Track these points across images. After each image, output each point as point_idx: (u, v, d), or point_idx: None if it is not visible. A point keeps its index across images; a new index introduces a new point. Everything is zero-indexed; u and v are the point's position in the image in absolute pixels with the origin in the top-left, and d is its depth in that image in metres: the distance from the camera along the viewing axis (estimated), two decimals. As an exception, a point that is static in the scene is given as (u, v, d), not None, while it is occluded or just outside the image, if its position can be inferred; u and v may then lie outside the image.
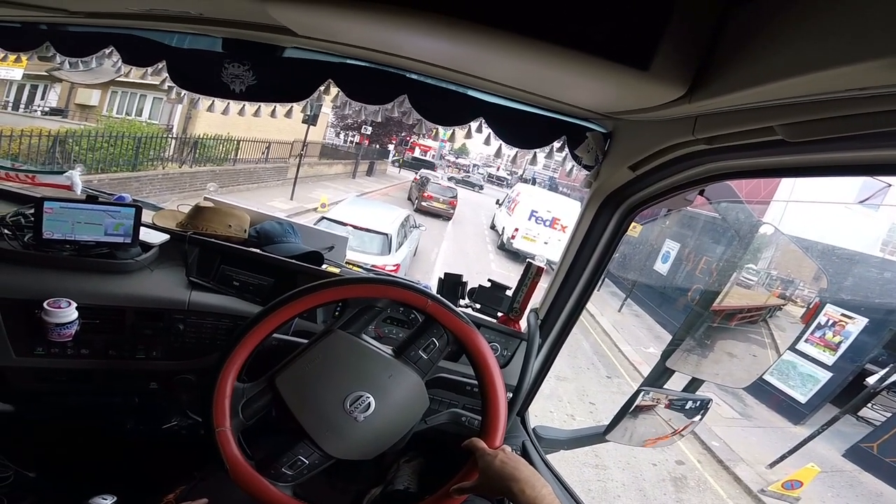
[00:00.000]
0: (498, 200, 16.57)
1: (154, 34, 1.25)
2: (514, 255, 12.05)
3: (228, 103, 1.31)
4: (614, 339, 8.62)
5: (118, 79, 1.41)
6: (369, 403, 0.92)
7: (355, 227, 6.11)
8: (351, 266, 1.66)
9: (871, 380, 6.10)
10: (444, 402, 1.26)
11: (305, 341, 0.99)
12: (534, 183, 24.57)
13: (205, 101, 1.33)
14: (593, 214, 1.24)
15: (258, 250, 1.46)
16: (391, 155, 26.54)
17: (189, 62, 1.26)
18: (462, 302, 1.47)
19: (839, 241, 8.33)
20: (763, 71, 0.57)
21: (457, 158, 46.79)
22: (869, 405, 6.81)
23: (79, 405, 1.34)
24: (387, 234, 6.34)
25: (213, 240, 1.42)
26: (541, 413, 5.24)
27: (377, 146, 23.33)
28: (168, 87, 1.30)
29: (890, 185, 10.70)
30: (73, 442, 1.45)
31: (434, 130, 1.36)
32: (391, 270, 5.69)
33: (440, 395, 1.27)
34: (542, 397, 5.66)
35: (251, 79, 1.25)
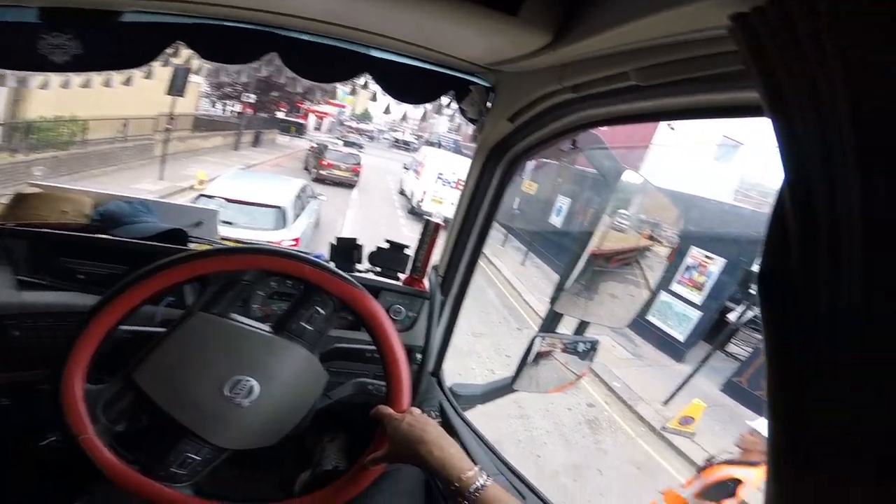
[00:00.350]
0: (405, 165, 16.55)
1: None
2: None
3: (48, 77, 1.12)
4: (520, 292, 9.23)
5: None
6: (251, 387, 0.85)
7: (242, 203, 5.74)
8: (227, 243, 1.52)
9: (731, 316, 6.88)
10: (349, 374, 1.22)
11: (164, 330, 0.89)
12: (439, 146, 24.83)
13: (15, 77, 1.11)
14: (480, 167, 1.27)
15: (104, 235, 1.27)
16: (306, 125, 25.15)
17: None
18: (361, 266, 1.43)
19: (700, 190, 9.58)
20: (615, 15, 0.60)
21: (359, 124, 45.53)
22: (733, 341, 7.88)
23: None
24: (280, 207, 6.01)
25: (43, 230, 1.20)
26: (464, 371, 5.50)
27: (263, 115, 21.75)
28: None
29: (741, 144, 12.52)
30: None
31: (338, 92, 1.27)
32: (290, 245, 5.44)
33: (343, 367, 1.23)
34: (463, 355, 5.96)
35: (77, 48, 1.05)
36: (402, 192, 15.90)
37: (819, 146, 0.25)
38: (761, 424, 3.06)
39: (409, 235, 10.35)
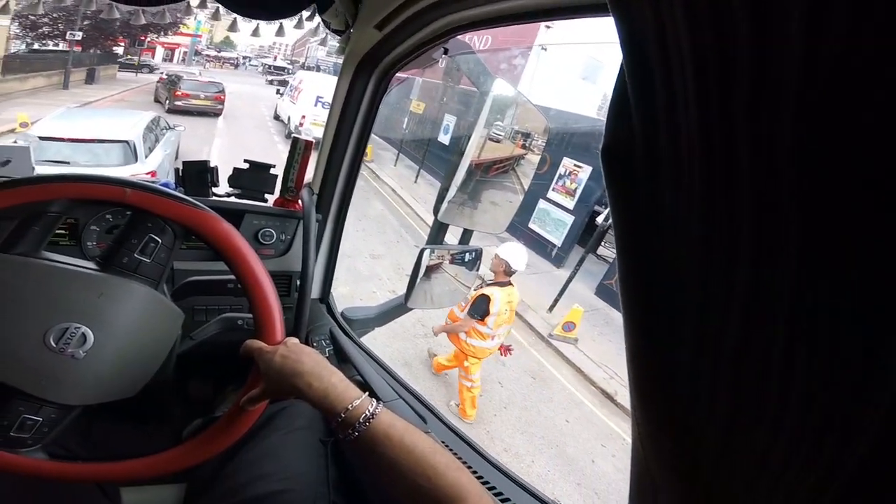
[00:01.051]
0: (279, 90, 15.41)
1: None
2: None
3: None
4: (415, 209, 9.25)
5: None
6: (83, 334, 0.72)
7: (78, 141, 5.11)
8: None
9: (599, 219, 7.09)
10: (213, 310, 1.10)
11: None
12: (318, 70, 22.74)
13: None
14: (349, 80, 1.20)
15: None
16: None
17: None
18: (218, 191, 1.27)
19: (570, 107, 10.14)
20: None
21: (220, 52, 39.77)
22: (603, 244, 8.19)
23: None
24: (127, 142, 5.40)
25: None
26: (366, 296, 5.32)
27: (97, 51, 18.65)
28: None
29: (603, 65, 13.31)
30: None
31: (185, 26, 1.06)
32: (146, 179, 4.88)
33: (203, 303, 1.10)
34: (363, 279, 5.80)
35: None
36: (277, 118, 14.80)
37: (655, 29, 0.25)
38: (504, 249, 3.81)
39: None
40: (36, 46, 17.82)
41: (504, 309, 3.75)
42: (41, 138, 4.91)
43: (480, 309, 3.70)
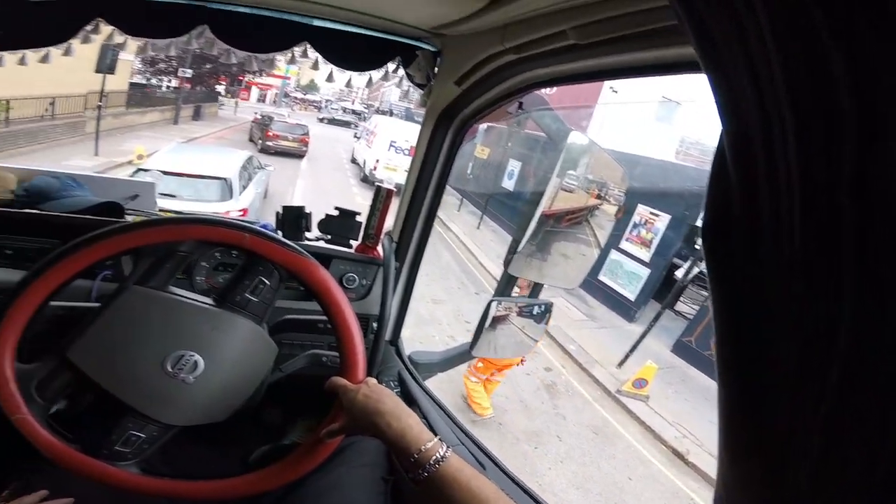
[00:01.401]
0: (356, 134, 16.27)
1: None
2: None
3: None
4: (477, 256, 9.28)
5: None
6: (196, 362, 0.82)
7: (184, 175, 5.51)
8: (165, 215, 1.44)
9: (679, 273, 6.74)
10: (302, 346, 1.18)
11: (98, 305, 0.84)
12: (391, 114, 24.22)
13: None
14: (430, 132, 1.25)
15: (32, 210, 1.18)
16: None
17: None
18: (311, 235, 1.37)
19: (644, 150, 9.84)
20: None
21: (305, 95, 43.67)
22: (681, 299, 7.77)
23: None
24: (225, 179, 5.80)
25: None
26: (425, 339, 5.41)
27: (203, 88, 20.78)
28: None
29: (680, 104, 12.91)
30: None
31: (277, 68, 1.21)
32: (239, 216, 5.25)
33: (296, 339, 1.20)
34: (423, 323, 5.90)
35: None
36: (354, 161, 15.60)
37: (755, 100, 0.25)
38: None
39: (362, 203, 10.13)
40: (153, 81, 20.08)
41: None
42: (164, 173, 5.38)
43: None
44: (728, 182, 0.27)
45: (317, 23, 1.11)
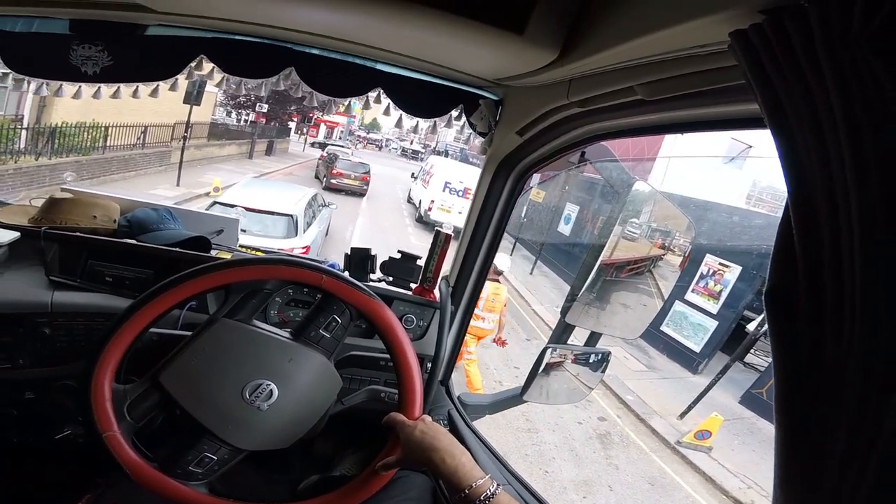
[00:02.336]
0: (413, 174, 16.66)
1: None
2: (433, 227, 12.20)
3: (80, 86, 1.17)
4: (528, 301, 9.12)
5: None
6: (271, 391, 0.89)
7: (254, 211, 5.76)
8: (245, 250, 1.56)
9: (750, 326, 6.54)
10: (363, 381, 1.26)
11: (190, 334, 0.93)
12: (446, 155, 24.91)
13: (63, 88, 1.18)
14: (490, 179, 1.29)
15: (131, 241, 1.32)
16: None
17: (29, 46, 1.09)
18: (374, 276, 1.45)
19: (712, 196, 9.43)
20: (620, 32, 0.62)
21: (368, 133, 45.97)
22: (752, 351, 7.47)
23: None
24: (292, 216, 6.04)
25: (75, 233, 1.26)
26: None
27: (276, 124, 22.15)
28: (2, 73, 1.13)
29: (751, 147, 12.34)
30: None
31: (341, 105, 1.30)
32: (301, 253, 5.49)
33: (356, 374, 1.26)
34: None
35: (106, 60, 1.11)
36: (409, 201, 16.01)
37: (819, 160, 0.26)
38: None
39: (416, 244, 10.34)
40: (233, 115, 21.60)
41: (491, 297, 4.71)
42: (253, 210, 5.72)
43: None
44: (793, 249, 0.28)
45: (388, 69, 1.20)
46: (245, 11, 0.94)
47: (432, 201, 12.54)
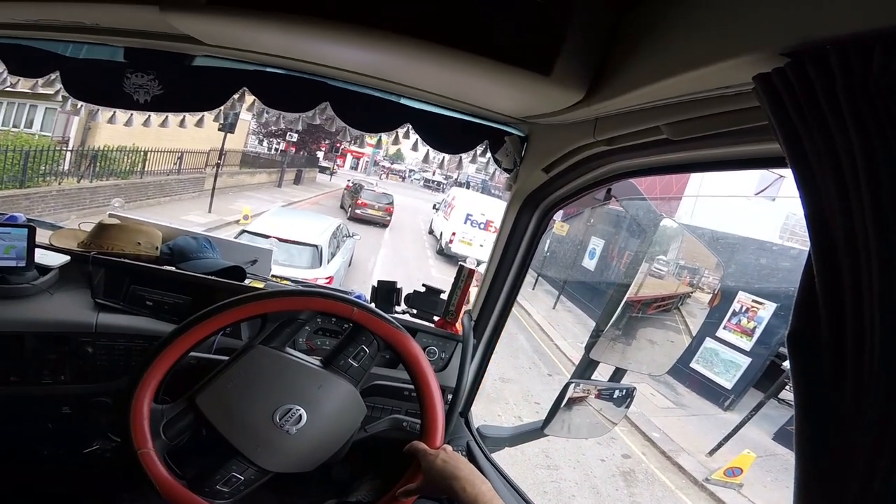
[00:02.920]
0: (435, 205, 16.72)
1: (46, 44, 1.17)
2: (454, 260, 12.19)
3: (132, 114, 1.25)
4: (551, 336, 8.96)
5: (4, 89, 1.30)
6: (300, 416, 0.93)
7: (281, 240, 5.86)
8: (277, 280, 1.62)
9: (787, 364, 6.57)
10: (385, 409, 1.28)
11: (227, 359, 0.97)
12: (468, 187, 25.07)
13: (105, 113, 1.26)
14: (515, 215, 1.31)
15: (172, 268, 1.39)
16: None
17: (86, 72, 1.18)
18: (398, 308, 1.48)
19: (743, 230, 9.18)
20: (646, 73, 0.64)
21: (392, 164, 46.94)
22: (787, 387, 7.43)
23: None
24: (317, 246, 6.14)
25: (120, 259, 1.34)
26: (489, 417, 5.30)
27: (305, 153, 22.81)
28: (63, 97, 1.22)
29: (783, 177, 12.02)
30: None
31: (364, 136, 1.35)
32: (325, 283, 5.55)
33: (380, 403, 1.29)
34: (489, 400, 5.77)
35: (157, 88, 1.20)
36: (431, 233, 16.06)
37: (840, 206, 0.27)
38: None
39: (437, 276, 10.35)
40: (264, 143, 21.94)
41: None
42: (280, 240, 5.80)
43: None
44: (815, 296, 0.29)
45: (417, 105, 1.25)
46: (285, 46, 1.00)
47: (453, 233, 12.53)
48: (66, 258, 1.29)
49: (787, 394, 7.65)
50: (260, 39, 0.96)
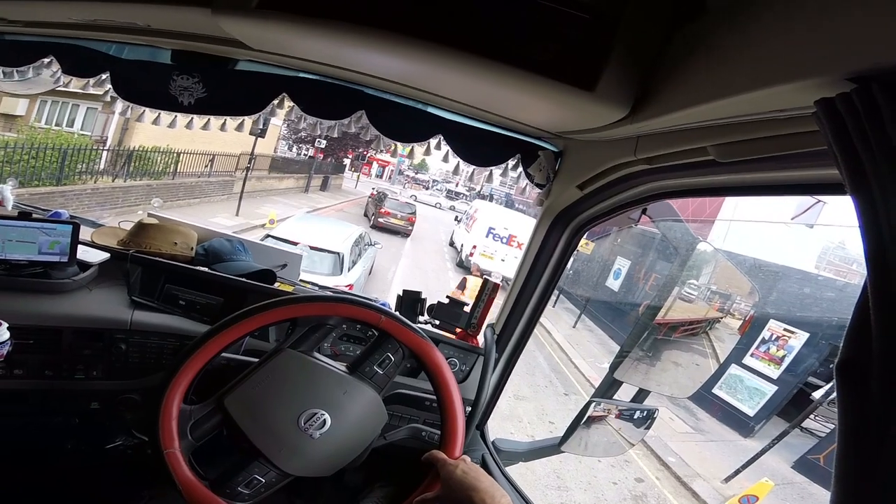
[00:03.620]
0: (457, 217, 16.78)
1: (98, 44, 1.22)
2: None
3: (175, 116, 1.29)
4: (570, 355, 8.80)
5: (57, 88, 1.37)
6: (324, 420, 0.93)
7: (311, 248, 5.92)
8: (305, 284, 1.64)
9: (817, 394, 6.35)
10: (404, 418, 1.29)
11: (256, 360, 0.99)
12: (491, 199, 25.01)
13: (150, 114, 1.30)
14: (545, 232, 1.30)
15: (206, 269, 1.42)
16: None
17: (135, 73, 1.23)
18: (421, 318, 1.49)
19: (776, 257, 8.93)
20: (696, 93, 0.63)
21: (416, 174, 47.39)
22: (813, 416, 7.14)
23: (13, 427, 1.28)
24: (338, 254, 6.18)
25: (157, 258, 1.38)
26: (502, 434, 5.18)
27: (332, 160, 23.17)
28: (111, 97, 1.26)
29: (824, 203, 11.60)
30: (9, 466, 1.36)
31: (393, 146, 1.35)
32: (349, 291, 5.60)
33: (400, 411, 1.29)
34: (503, 418, 5.69)
35: (201, 91, 1.23)
36: (451, 244, 15.98)
37: None
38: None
39: (455, 289, 10.27)
40: (294, 149, 22.38)
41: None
42: (312, 248, 5.86)
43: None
44: (869, 325, 0.28)
45: (450, 116, 1.26)
46: (327, 53, 1.02)
47: (474, 246, 12.37)
48: (106, 255, 1.33)
49: (810, 422, 7.49)
50: (303, 45, 0.98)
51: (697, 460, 6.05)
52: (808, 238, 11.47)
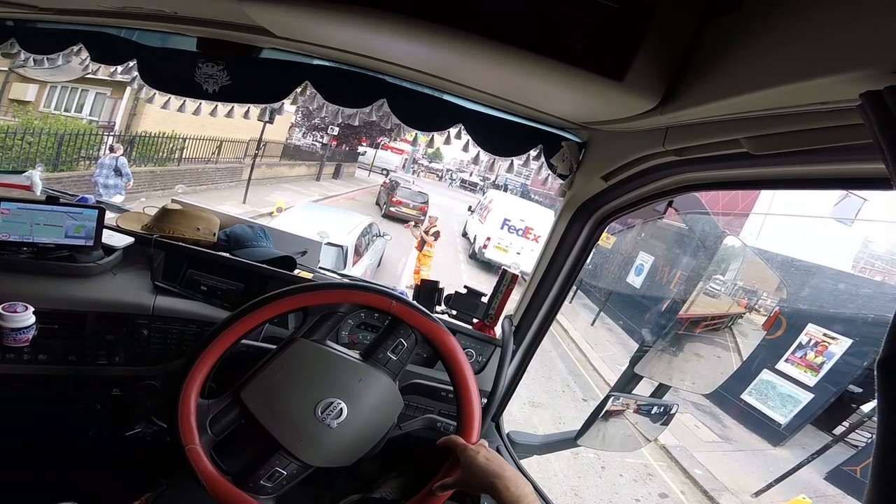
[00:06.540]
0: (470, 207, 16.54)
1: (125, 32, 1.26)
2: (486, 266, 12.08)
3: (200, 103, 1.34)
4: (588, 356, 8.68)
5: (86, 76, 1.42)
6: (341, 409, 0.96)
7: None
8: (326, 271, 1.69)
9: (865, 408, 6.29)
10: (420, 408, 1.32)
11: (273, 347, 1.02)
12: (505, 189, 24.70)
13: (176, 101, 1.35)
14: (567, 223, 1.31)
15: (227, 255, 1.47)
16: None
17: (161, 61, 1.28)
18: (438, 308, 1.52)
19: (815, 256, 8.67)
20: (731, 84, 0.63)
21: (430, 163, 47.21)
22: (843, 423, 7.05)
23: (36, 412, 1.33)
24: (342, 247, 6.02)
25: (180, 243, 1.43)
26: None
27: (346, 148, 23.18)
28: (138, 85, 1.32)
29: (865, 200, 11.23)
30: (30, 451, 1.43)
31: (408, 134, 1.38)
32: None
33: (415, 401, 1.33)
34: (517, 424, 5.60)
35: (225, 79, 1.27)
36: (464, 235, 15.90)
37: None
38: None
39: (467, 282, 10.16)
40: (307, 136, 22.17)
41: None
42: (331, 245, 5.70)
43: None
44: None
45: (472, 106, 1.28)
46: (351, 40, 1.04)
47: (488, 238, 12.24)
48: (131, 240, 1.39)
49: (842, 429, 7.33)
50: (328, 32, 1.01)
51: (725, 472, 5.94)
52: (846, 236, 11.13)
